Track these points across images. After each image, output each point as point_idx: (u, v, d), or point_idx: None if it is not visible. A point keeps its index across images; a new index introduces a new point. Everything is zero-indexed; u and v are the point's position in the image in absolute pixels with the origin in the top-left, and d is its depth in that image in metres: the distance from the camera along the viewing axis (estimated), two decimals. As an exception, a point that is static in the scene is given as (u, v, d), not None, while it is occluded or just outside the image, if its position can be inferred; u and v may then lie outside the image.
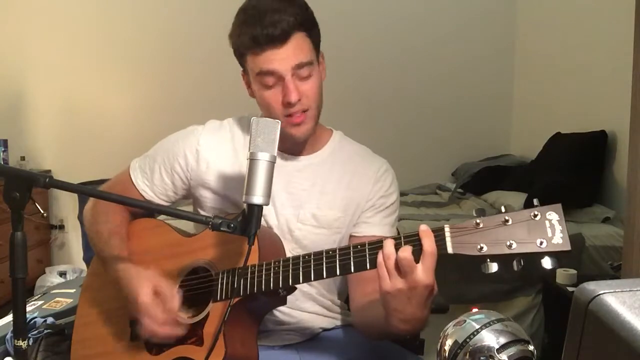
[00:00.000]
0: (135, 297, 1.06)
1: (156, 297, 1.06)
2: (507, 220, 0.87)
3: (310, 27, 1.14)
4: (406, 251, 0.90)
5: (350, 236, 1.26)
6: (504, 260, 0.87)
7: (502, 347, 0.83)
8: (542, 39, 3.74)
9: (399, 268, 0.91)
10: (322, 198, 1.23)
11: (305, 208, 1.22)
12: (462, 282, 2.36)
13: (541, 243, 0.84)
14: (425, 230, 0.91)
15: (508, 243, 0.86)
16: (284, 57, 1.10)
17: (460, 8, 4.03)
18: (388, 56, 4.01)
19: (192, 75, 3.93)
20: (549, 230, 0.84)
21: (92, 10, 3.92)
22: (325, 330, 1.27)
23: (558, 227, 0.84)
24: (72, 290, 2.27)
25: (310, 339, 1.24)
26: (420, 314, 0.95)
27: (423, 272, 0.90)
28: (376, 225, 1.25)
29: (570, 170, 2.84)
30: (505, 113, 4.12)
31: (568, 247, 0.83)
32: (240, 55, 1.16)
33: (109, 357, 1.18)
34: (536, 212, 0.85)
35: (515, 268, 0.87)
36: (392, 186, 1.27)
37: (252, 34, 1.09)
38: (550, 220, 0.84)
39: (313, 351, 1.19)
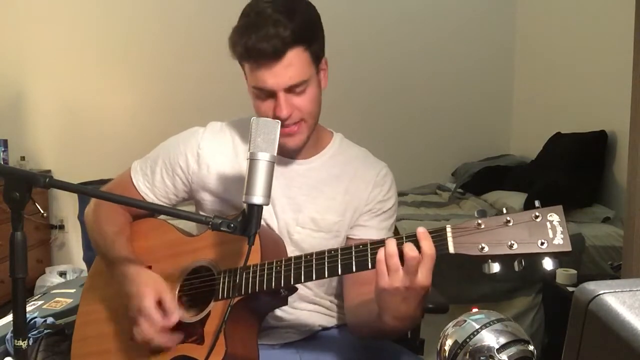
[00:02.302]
0: (140, 300, 1.07)
1: (158, 305, 1.07)
2: (508, 221, 0.87)
3: (310, 40, 1.12)
4: (414, 250, 0.90)
5: (347, 238, 1.26)
6: (505, 260, 0.88)
7: (502, 347, 0.83)
8: (542, 39, 3.74)
9: (404, 266, 0.91)
10: (322, 202, 1.23)
11: (305, 212, 1.22)
12: (462, 282, 2.36)
13: (542, 244, 0.84)
14: (423, 232, 0.92)
15: (509, 243, 0.86)
16: (277, 75, 1.09)
17: (460, 8, 4.03)
18: (388, 56, 4.01)
19: (192, 75, 3.93)
20: (550, 232, 0.85)
21: (92, 11, 3.91)
22: (325, 329, 1.27)
23: (559, 228, 0.85)
24: (72, 290, 2.27)
25: (310, 337, 1.24)
26: (413, 312, 0.96)
27: (422, 274, 0.91)
28: (373, 229, 1.25)
29: (570, 170, 2.84)
30: (505, 113, 4.12)
31: (569, 248, 0.84)
32: (239, 61, 1.16)
33: (109, 356, 1.19)
34: (537, 214, 0.86)
35: (517, 268, 0.87)
36: (390, 190, 1.28)
37: (245, 46, 1.08)
38: (551, 222, 0.85)
39: (313, 350, 1.19)
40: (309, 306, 1.24)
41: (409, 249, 0.90)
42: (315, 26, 1.15)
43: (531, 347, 0.85)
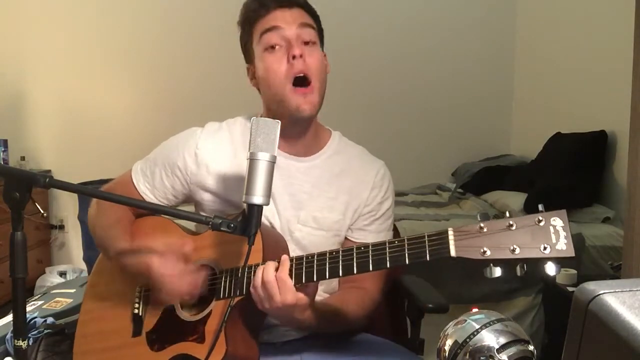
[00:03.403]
0: (148, 263, 1.06)
1: (166, 255, 1.06)
2: (511, 225, 0.87)
3: (316, 17, 1.22)
4: (271, 275, 0.99)
5: (346, 239, 1.27)
6: (508, 264, 0.87)
7: (502, 347, 0.83)
8: (542, 39, 3.74)
9: (267, 291, 0.99)
10: (323, 201, 1.23)
11: (307, 210, 1.22)
12: (462, 282, 2.36)
13: (545, 248, 0.84)
14: (283, 260, 1.01)
15: (512, 248, 0.86)
16: (289, 17, 1.17)
17: (461, 8, 4.02)
18: (388, 56, 4.00)
19: (192, 75, 3.93)
20: (553, 236, 0.84)
21: (92, 10, 3.91)
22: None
23: (562, 233, 0.84)
24: (72, 290, 2.27)
25: (311, 336, 1.24)
26: (300, 319, 1.05)
27: (282, 295, 0.98)
28: (373, 233, 1.27)
29: (570, 170, 2.84)
30: (505, 113, 4.12)
31: (572, 253, 0.83)
32: (249, 27, 1.20)
33: (110, 353, 1.19)
34: (541, 218, 0.85)
35: (519, 273, 0.87)
36: (388, 191, 1.30)
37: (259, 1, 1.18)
38: (554, 226, 0.84)
39: (313, 349, 1.20)
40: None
41: (266, 275, 0.99)
42: (318, 18, 1.24)
43: (531, 347, 0.85)
